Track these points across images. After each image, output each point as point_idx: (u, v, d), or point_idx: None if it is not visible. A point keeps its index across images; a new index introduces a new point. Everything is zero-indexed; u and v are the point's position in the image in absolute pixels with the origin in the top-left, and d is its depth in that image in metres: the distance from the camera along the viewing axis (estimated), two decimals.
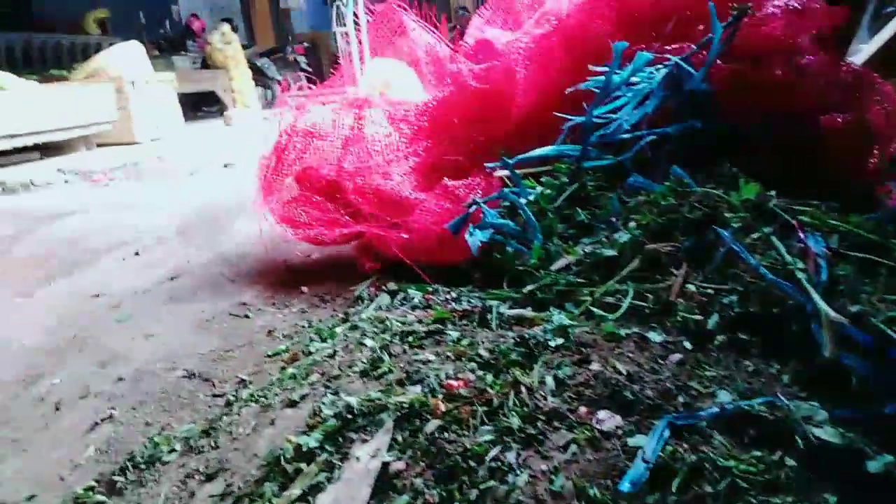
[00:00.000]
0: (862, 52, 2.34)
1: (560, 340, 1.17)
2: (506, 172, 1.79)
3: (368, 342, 1.38)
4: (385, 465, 0.96)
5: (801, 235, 1.32)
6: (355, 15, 8.97)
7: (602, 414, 0.99)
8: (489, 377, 1.10)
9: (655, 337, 1.20)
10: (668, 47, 1.75)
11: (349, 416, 1.08)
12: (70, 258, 2.45)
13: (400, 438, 1.01)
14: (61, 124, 5.49)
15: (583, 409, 1.00)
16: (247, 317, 1.83)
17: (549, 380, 1.06)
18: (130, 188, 4.15)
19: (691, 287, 1.30)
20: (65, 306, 2.05)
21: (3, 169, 5.15)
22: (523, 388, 1.03)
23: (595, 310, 1.31)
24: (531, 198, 1.67)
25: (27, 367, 1.71)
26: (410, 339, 1.34)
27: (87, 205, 3.34)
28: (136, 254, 2.42)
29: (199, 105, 9.85)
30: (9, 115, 5.05)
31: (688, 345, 1.18)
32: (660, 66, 1.68)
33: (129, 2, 11.41)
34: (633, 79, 1.67)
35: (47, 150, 5.68)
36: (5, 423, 1.47)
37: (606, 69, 1.66)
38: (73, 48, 9.05)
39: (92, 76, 6.33)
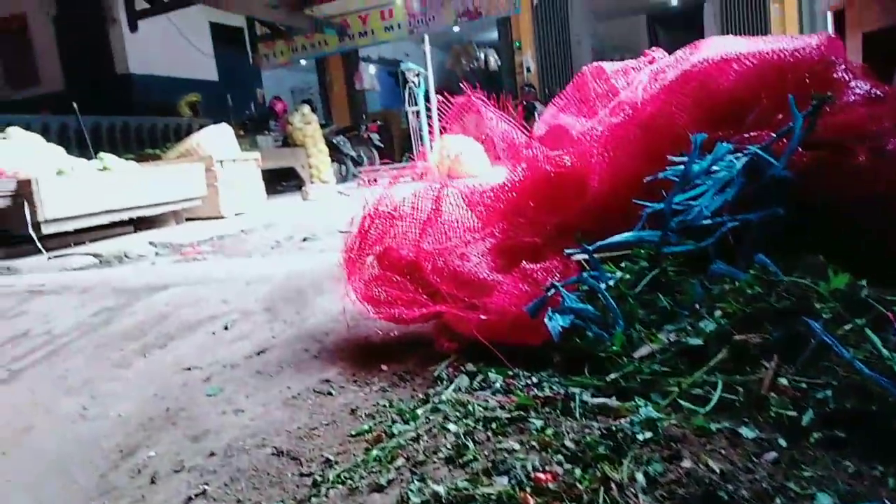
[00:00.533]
0: None
1: (649, 434, 1.16)
2: (584, 256, 1.82)
3: (452, 427, 1.40)
4: None
5: None
6: (426, 95, 9.40)
7: None
8: (577, 471, 1.09)
9: (748, 433, 1.18)
10: (746, 135, 1.77)
11: None
12: (164, 331, 2.59)
13: None
14: (155, 200, 5.91)
15: None
16: (330, 394, 1.88)
17: (640, 477, 1.05)
18: (217, 262, 4.38)
19: (783, 380, 1.27)
20: (159, 378, 2.17)
21: (101, 242, 5.56)
22: (613, 485, 1.03)
23: (683, 402, 1.29)
24: (611, 282, 1.69)
25: (125, 438, 1.80)
26: (494, 425, 1.36)
27: (178, 278, 3.55)
28: (226, 328, 2.54)
29: (279, 180, 10.39)
30: (110, 192, 5.50)
31: (782, 442, 1.15)
32: (739, 154, 1.70)
33: (219, 86, 12.35)
34: (713, 167, 1.70)
35: (140, 223, 6.11)
36: (106, 492, 1.55)
37: (685, 158, 1.69)
38: (167, 129, 9.82)
39: (184, 155, 6.82)
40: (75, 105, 8.14)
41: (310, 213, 7.02)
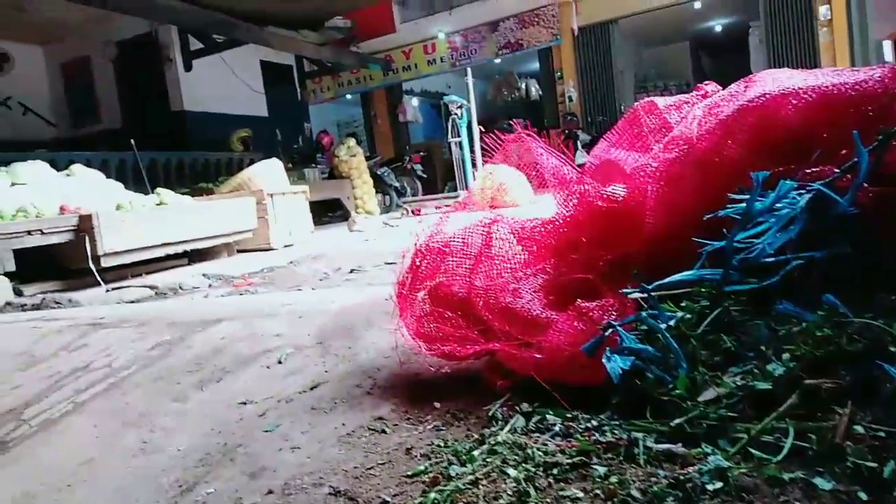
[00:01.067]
0: None
1: (719, 484, 1.12)
2: (642, 294, 1.79)
3: (511, 471, 1.38)
4: None
5: None
6: (469, 126, 9.51)
7: None
8: None
9: (824, 484, 1.12)
10: (808, 171, 1.73)
11: None
12: (220, 365, 2.64)
13: None
14: (209, 233, 6.10)
15: None
16: (384, 432, 1.88)
17: None
18: (269, 294, 4.46)
19: (859, 428, 1.22)
20: (216, 413, 2.20)
21: (157, 274, 5.74)
22: None
23: (753, 450, 1.25)
24: (671, 322, 1.66)
25: (184, 473, 1.83)
26: (555, 471, 1.33)
27: (231, 311, 3.63)
28: (279, 362, 2.58)
29: (324, 211, 10.59)
30: (166, 226, 5.69)
31: (863, 495, 1.10)
32: (802, 190, 1.66)
33: (269, 122, 12.75)
34: (776, 205, 1.66)
35: (194, 255, 6.29)
36: None
37: (746, 196, 1.66)
38: (220, 164, 10.16)
39: (236, 189, 7.04)
40: (133, 142, 8.50)
41: (356, 243, 7.12)
